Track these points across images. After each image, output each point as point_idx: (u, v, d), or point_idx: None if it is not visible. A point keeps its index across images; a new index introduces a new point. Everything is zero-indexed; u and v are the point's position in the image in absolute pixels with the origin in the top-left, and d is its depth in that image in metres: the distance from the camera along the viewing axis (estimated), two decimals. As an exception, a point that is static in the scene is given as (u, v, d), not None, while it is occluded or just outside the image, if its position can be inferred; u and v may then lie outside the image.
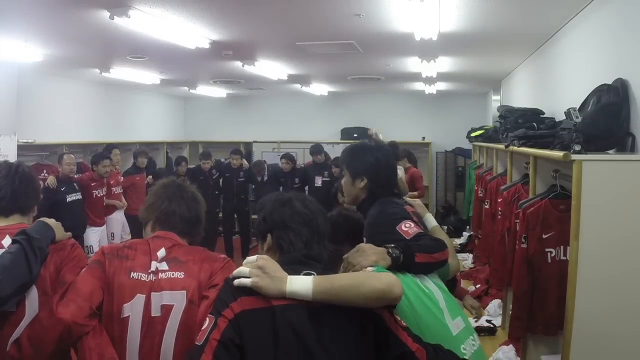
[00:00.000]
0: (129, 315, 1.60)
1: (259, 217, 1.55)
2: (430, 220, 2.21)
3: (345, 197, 2.11)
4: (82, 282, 1.62)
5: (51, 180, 5.22)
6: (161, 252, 1.68)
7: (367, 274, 1.46)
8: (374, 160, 2.01)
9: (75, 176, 5.56)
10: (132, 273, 1.64)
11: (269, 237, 1.51)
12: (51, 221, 1.71)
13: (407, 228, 1.78)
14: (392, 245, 1.65)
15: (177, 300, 1.62)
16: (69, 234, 1.77)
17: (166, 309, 1.61)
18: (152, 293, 1.61)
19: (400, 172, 5.26)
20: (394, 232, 1.77)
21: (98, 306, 1.60)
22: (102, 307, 1.61)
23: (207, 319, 1.33)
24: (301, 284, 1.32)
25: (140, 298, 1.61)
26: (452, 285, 2.13)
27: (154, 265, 1.65)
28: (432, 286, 1.69)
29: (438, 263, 1.73)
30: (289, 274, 1.35)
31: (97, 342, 1.55)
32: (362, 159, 2.03)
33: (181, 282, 1.63)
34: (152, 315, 1.60)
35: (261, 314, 1.31)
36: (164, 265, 1.66)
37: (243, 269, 1.35)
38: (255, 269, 1.33)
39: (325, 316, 1.34)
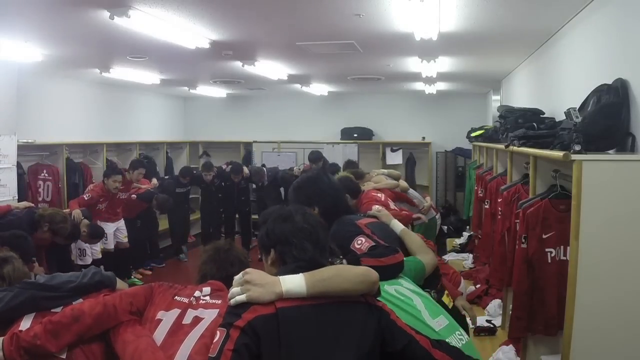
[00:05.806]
0: (162, 319, 1.82)
1: (262, 232, 1.61)
2: (397, 226, 2.43)
3: None
4: (131, 288, 2.00)
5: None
6: (206, 289, 1.91)
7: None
8: (319, 191, 2.32)
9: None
10: (176, 297, 1.90)
11: (272, 252, 1.56)
12: (123, 284, 2.14)
13: (359, 245, 1.99)
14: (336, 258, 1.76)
15: (209, 314, 1.80)
16: (125, 284, 2.17)
17: (196, 319, 1.79)
18: (188, 309, 1.83)
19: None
20: (350, 250, 1.96)
21: (137, 309, 1.86)
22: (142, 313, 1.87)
23: (218, 332, 1.34)
24: (293, 281, 1.39)
25: (176, 310, 1.84)
26: (435, 281, 2.21)
27: (197, 293, 1.89)
28: (409, 293, 1.79)
29: (390, 266, 1.84)
30: None
31: (135, 332, 1.79)
32: (309, 192, 2.32)
33: (217, 306, 1.82)
34: (182, 322, 1.79)
35: (270, 319, 1.34)
36: (206, 298, 1.89)
37: (234, 289, 1.39)
38: (244, 285, 1.38)
39: (330, 314, 1.40)
